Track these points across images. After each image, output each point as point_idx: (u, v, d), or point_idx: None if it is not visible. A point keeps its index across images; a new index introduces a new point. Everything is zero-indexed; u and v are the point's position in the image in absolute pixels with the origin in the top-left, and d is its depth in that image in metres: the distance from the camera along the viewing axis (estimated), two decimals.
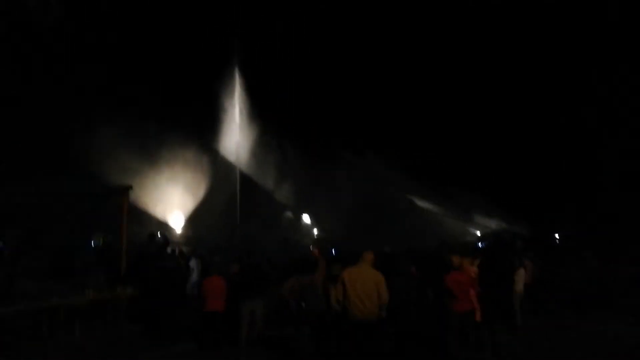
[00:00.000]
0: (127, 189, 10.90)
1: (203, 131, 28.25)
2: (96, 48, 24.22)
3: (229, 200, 28.33)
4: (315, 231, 30.98)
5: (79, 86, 22.89)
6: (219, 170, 28.62)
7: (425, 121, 30.59)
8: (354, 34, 30.62)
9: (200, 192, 27.57)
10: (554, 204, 26.08)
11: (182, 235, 26.21)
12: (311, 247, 9.81)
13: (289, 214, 31.42)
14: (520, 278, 8.98)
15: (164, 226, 25.43)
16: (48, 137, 21.22)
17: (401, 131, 30.81)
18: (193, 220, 27.18)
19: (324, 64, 29.82)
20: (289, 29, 28.76)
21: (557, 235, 24.07)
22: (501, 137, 29.13)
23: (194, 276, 12.34)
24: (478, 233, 30.30)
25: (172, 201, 26.62)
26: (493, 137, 29.25)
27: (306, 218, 31.77)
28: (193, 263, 12.76)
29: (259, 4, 28.74)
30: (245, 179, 29.57)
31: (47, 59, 21.69)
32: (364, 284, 6.67)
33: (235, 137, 30.08)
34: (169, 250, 12.69)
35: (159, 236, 16.38)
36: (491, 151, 29.36)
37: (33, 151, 20.08)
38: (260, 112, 29.53)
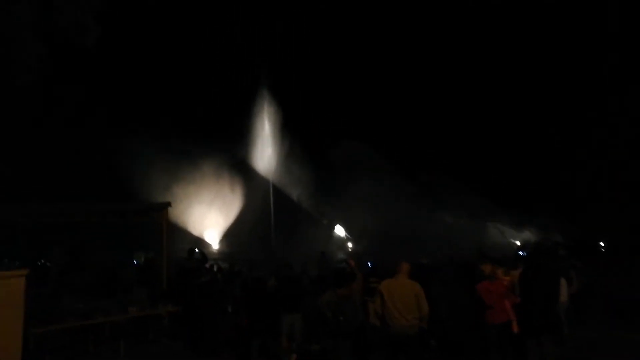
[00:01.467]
0: (167, 205, 11.10)
1: (234, 145, 28.67)
2: (132, 68, 25.13)
3: (262, 215, 28.50)
4: (349, 244, 30.76)
5: (114, 107, 23.78)
6: (252, 185, 28.89)
7: (453, 132, 30.27)
8: (388, 45, 30.64)
9: (234, 207, 27.87)
10: (600, 211, 25.03)
11: (218, 250, 26.53)
12: (346, 259, 9.76)
13: (322, 226, 31.32)
14: (563, 287, 8.66)
15: (200, 242, 25.81)
16: (89, 158, 22.06)
17: (428, 143, 30.52)
18: (228, 235, 27.49)
19: (353, 76, 29.95)
20: (320, 40, 29.02)
21: (602, 243, 23.13)
22: (538, 143, 28.43)
23: None
24: (518, 242, 29.43)
25: (207, 217, 27.02)
26: (531, 144, 28.57)
27: (339, 230, 31.60)
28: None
29: (288, 19, 29.16)
30: (277, 192, 29.72)
31: (87, 80, 22.61)
32: (402, 295, 6.58)
33: (267, 151, 30.35)
34: (207, 265, 12.83)
35: (197, 252, 16.58)
36: (532, 159, 28.67)
37: (77, 172, 20.85)
38: (290, 124, 29.77)
